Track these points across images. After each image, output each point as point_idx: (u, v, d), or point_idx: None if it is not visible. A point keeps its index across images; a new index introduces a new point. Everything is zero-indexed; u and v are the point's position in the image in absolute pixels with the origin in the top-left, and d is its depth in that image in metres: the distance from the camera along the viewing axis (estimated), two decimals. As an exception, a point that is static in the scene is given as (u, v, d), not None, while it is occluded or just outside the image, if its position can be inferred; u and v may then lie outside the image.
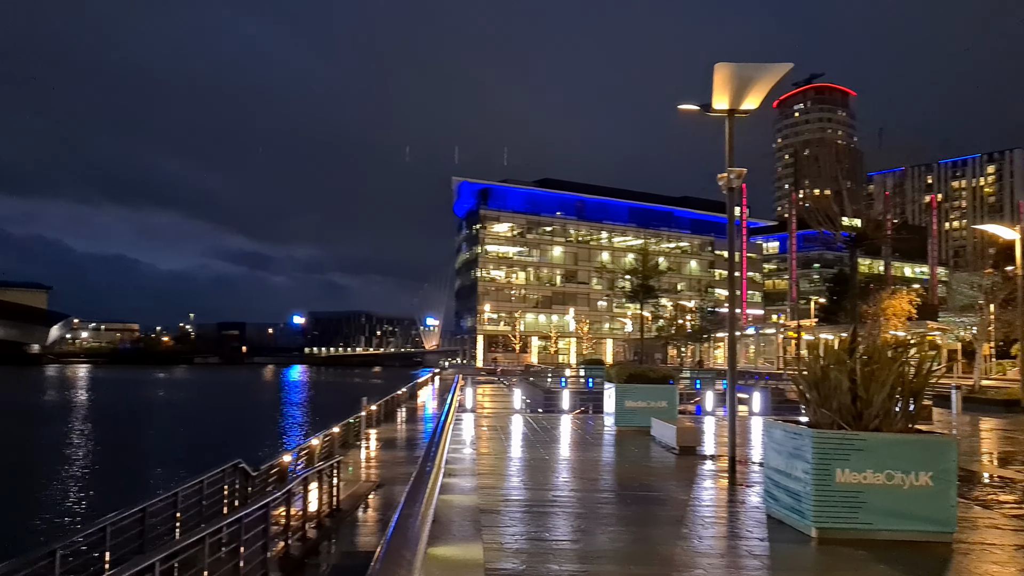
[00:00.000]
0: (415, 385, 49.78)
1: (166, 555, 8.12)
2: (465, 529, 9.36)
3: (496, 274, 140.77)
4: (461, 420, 25.07)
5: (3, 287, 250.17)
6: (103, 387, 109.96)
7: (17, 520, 25.68)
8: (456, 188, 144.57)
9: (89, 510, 26.45)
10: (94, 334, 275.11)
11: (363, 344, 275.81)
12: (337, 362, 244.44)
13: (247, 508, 10.54)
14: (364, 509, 15.10)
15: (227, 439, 48.13)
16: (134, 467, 37.60)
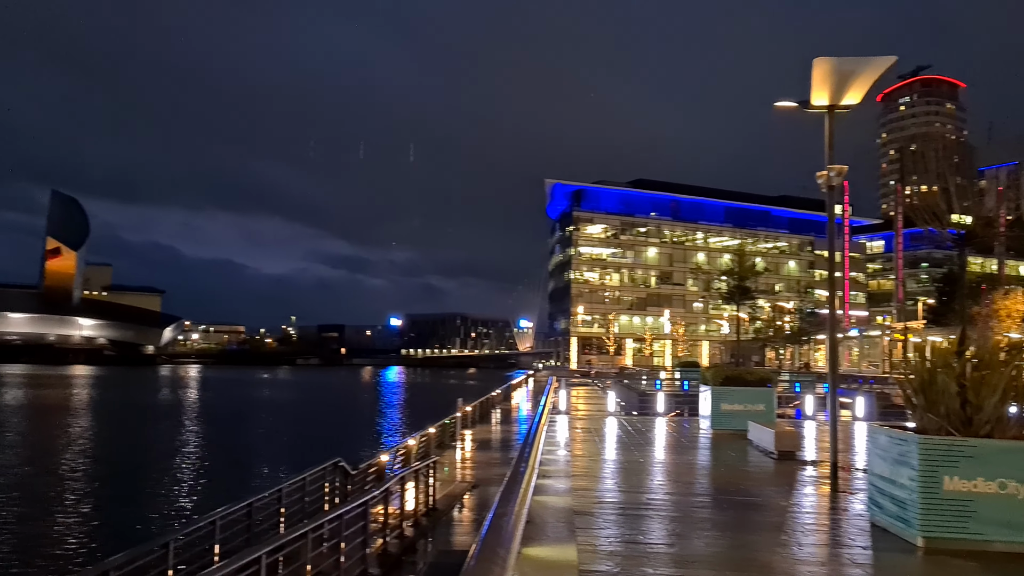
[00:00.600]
0: (509, 387, 50.05)
1: (271, 549, 8.43)
2: (559, 530, 9.39)
3: (590, 276, 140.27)
4: (555, 422, 25.10)
5: (121, 291, 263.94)
6: (212, 387, 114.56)
7: (133, 513, 27.02)
8: (549, 190, 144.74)
9: (200, 504, 27.60)
10: (203, 336, 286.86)
11: (458, 346, 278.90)
12: (433, 363, 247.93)
13: (347, 505, 10.83)
14: (459, 509, 15.29)
15: (327, 438, 49.45)
16: (241, 464, 39.02)
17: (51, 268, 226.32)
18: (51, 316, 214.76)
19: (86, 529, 24.59)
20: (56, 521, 25.48)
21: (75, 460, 39.47)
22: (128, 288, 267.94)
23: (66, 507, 27.77)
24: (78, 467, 37.24)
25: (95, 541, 22.75)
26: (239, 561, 7.97)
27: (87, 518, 26.22)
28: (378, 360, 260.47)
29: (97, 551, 20.76)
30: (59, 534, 23.81)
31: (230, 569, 7.76)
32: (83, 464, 38.19)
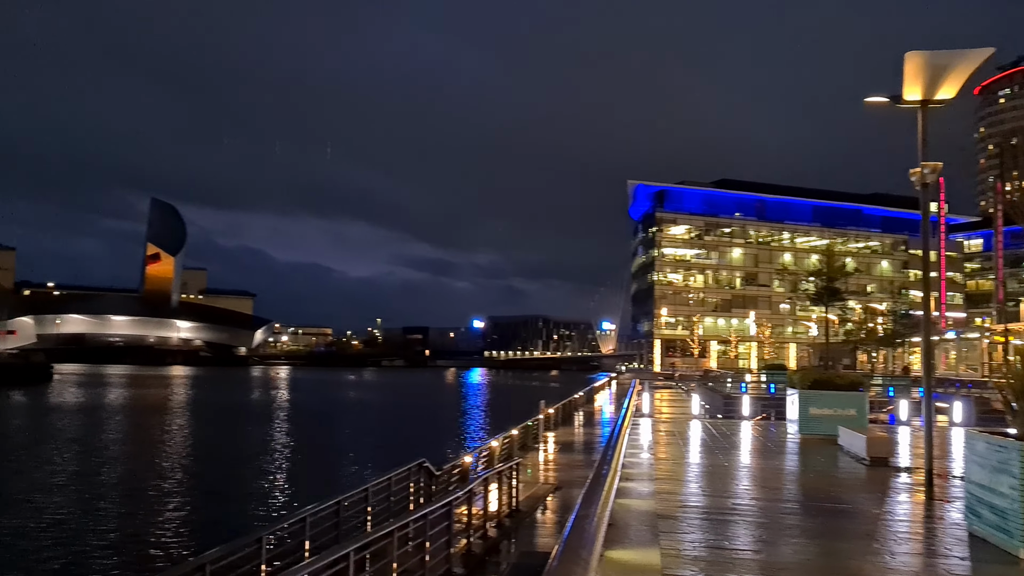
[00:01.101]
0: (592, 389, 49.89)
1: (359, 546, 8.63)
2: (642, 534, 9.35)
3: (673, 277, 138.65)
4: (638, 425, 24.93)
5: (216, 294, 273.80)
6: (301, 387, 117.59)
7: (227, 509, 27.98)
8: (631, 191, 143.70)
9: (290, 502, 28.40)
10: (292, 338, 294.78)
11: (540, 348, 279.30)
12: (515, 365, 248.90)
13: (432, 505, 11.00)
14: (542, 511, 15.34)
15: (411, 439, 50.20)
16: (329, 463, 39.97)
17: (151, 273, 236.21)
18: (151, 319, 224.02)
19: (183, 524, 25.58)
20: (154, 516, 26.58)
21: (173, 458, 41.09)
22: (222, 291, 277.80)
23: (164, 503, 28.94)
24: (176, 465, 38.75)
25: (191, 536, 23.65)
26: (329, 557, 8.19)
27: (184, 514, 27.27)
28: (461, 362, 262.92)
29: (193, 545, 21.58)
30: (157, 529, 24.83)
31: (321, 564, 7.98)
32: (180, 462, 39.73)
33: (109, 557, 21.10)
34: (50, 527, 24.19)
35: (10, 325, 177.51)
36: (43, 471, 35.09)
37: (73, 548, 21.83)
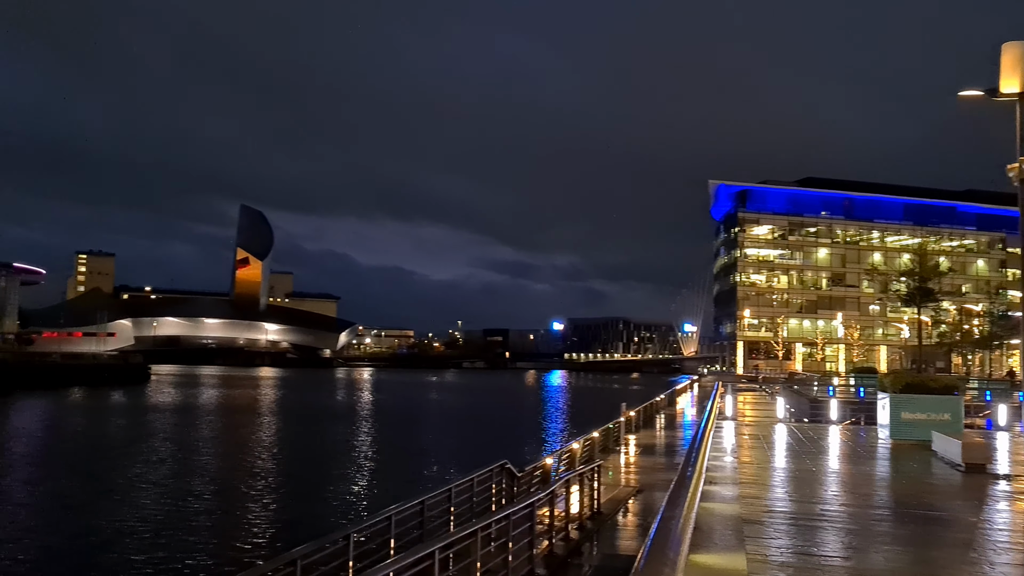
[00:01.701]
0: (673, 392, 49.36)
1: (444, 544, 8.76)
2: (727, 538, 9.24)
3: (756, 278, 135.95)
4: (721, 428, 24.58)
5: (301, 297, 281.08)
6: (384, 389, 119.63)
7: (315, 507, 28.69)
8: (713, 191, 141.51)
9: (375, 500, 28.93)
10: (375, 340, 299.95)
11: (621, 350, 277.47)
12: (595, 368, 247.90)
13: (514, 506, 11.08)
14: (624, 514, 15.27)
15: (493, 440, 50.53)
16: (412, 463, 40.56)
17: (241, 277, 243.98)
18: (241, 321, 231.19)
19: (272, 521, 26.35)
20: (245, 513, 27.44)
21: (262, 457, 42.34)
22: (307, 295, 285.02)
23: (254, 500, 29.84)
24: (265, 463, 39.92)
25: (281, 532, 24.34)
26: (415, 555, 8.34)
27: (273, 511, 28.07)
28: (541, 364, 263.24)
29: (283, 542, 22.19)
30: (248, 525, 25.64)
31: (406, 562, 8.14)
32: (269, 461, 40.91)
33: (202, 552, 21.88)
34: (146, 523, 25.23)
35: (110, 328, 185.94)
36: (140, 468, 36.62)
37: (167, 543, 22.72)
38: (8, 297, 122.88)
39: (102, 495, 29.68)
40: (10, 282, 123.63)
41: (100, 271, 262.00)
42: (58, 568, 20.19)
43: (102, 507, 27.35)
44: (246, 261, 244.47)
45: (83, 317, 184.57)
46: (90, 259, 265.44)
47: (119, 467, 36.70)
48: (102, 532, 23.87)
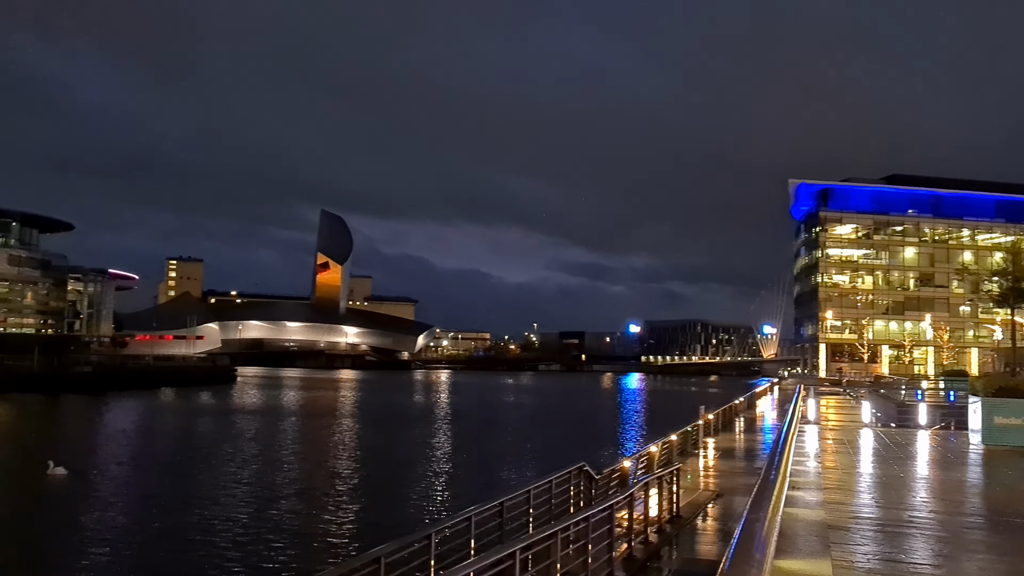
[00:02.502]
0: (753, 395, 48.52)
1: (524, 545, 8.84)
2: (811, 544, 9.08)
3: (839, 279, 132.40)
4: (804, 432, 24.08)
5: (380, 301, 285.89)
6: (461, 391, 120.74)
7: (396, 506, 29.17)
8: (793, 190, 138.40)
9: (455, 501, 29.25)
10: (452, 342, 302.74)
11: (699, 353, 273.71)
12: (673, 370, 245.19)
13: (593, 508, 11.10)
14: (703, 518, 15.12)
15: (570, 442, 50.50)
16: (490, 464, 40.85)
17: (321, 281, 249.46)
18: (321, 324, 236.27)
19: (354, 520, 26.89)
20: (328, 512, 28.08)
21: (344, 457, 43.24)
22: (386, 298, 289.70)
23: (336, 500, 30.50)
24: (346, 463, 40.76)
25: (363, 531, 24.82)
26: (495, 556, 8.44)
27: (355, 510, 28.65)
28: (617, 366, 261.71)
29: (365, 540, 22.62)
30: (331, 524, 26.24)
31: (487, 562, 8.25)
32: (351, 461, 41.75)
33: (286, 550, 22.47)
34: (232, 521, 26.02)
35: (199, 331, 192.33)
36: (226, 468, 37.79)
37: (253, 541, 23.39)
38: (104, 302, 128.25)
39: (190, 494, 30.68)
40: (106, 287, 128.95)
41: (189, 276, 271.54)
42: (147, 566, 20.92)
43: (190, 506, 28.25)
44: (326, 265, 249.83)
45: (173, 321, 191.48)
46: (179, 265, 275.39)
47: (207, 467, 37.94)
48: (190, 531, 24.66)
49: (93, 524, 25.67)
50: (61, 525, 25.73)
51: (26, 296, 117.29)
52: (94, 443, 47.70)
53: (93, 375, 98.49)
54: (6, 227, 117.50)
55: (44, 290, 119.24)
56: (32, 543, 23.44)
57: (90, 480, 33.34)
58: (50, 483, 32.09)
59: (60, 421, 64.93)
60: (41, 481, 32.32)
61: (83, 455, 40.90)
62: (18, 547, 22.92)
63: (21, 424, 60.37)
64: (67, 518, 26.72)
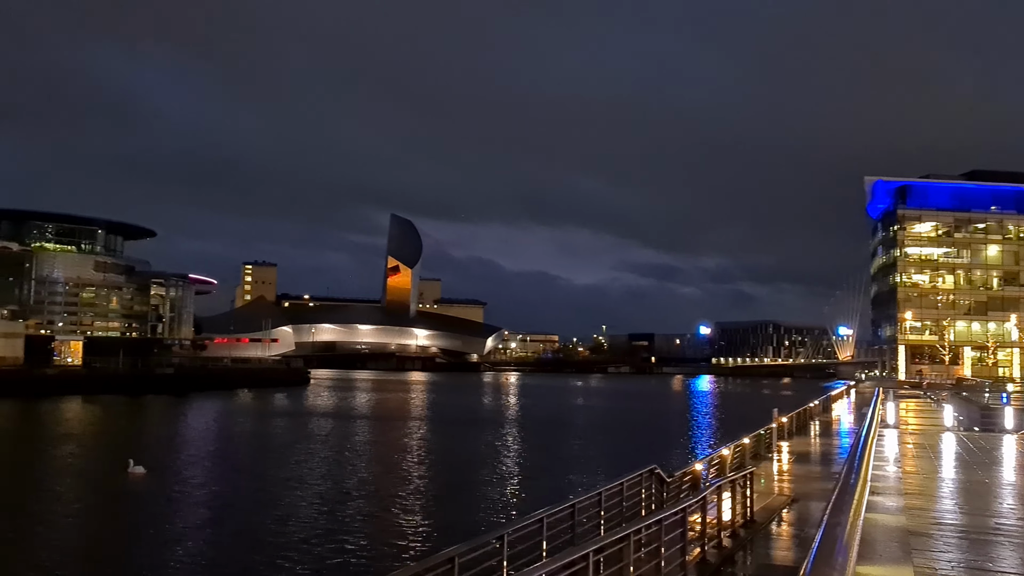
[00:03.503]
0: (828, 398, 47.47)
1: (597, 548, 8.86)
2: (892, 550, 8.87)
3: (919, 278, 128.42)
4: (883, 436, 23.45)
5: (449, 303, 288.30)
6: (530, 393, 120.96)
7: (467, 507, 29.39)
8: (869, 188, 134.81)
9: (525, 502, 29.33)
10: (521, 344, 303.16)
11: (771, 354, 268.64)
12: (744, 373, 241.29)
13: (665, 511, 11.04)
14: (778, 523, 14.88)
15: (640, 444, 50.15)
16: (559, 466, 40.81)
17: (391, 284, 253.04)
18: (392, 327, 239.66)
19: (426, 520, 27.19)
20: (400, 512, 28.46)
21: (415, 458, 43.77)
22: (455, 301, 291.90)
23: (408, 500, 30.89)
24: (418, 464, 41.24)
25: (435, 531, 25.09)
26: (568, 557, 8.48)
27: (427, 511, 28.97)
28: (688, 368, 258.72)
29: (437, 540, 22.88)
30: (403, 524, 26.59)
31: (560, 564, 8.29)
32: (422, 461, 42.23)
33: (360, 549, 22.84)
34: (305, 520, 26.56)
35: (273, 334, 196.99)
36: (300, 468, 38.62)
37: (326, 540, 23.83)
38: (184, 305, 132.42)
39: (264, 494, 31.40)
40: (186, 292, 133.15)
41: (264, 280, 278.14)
42: (220, 565, 21.37)
43: (264, 506, 28.88)
44: (396, 269, 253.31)
45: (249, 324, 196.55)
46: (255, 269, 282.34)
47: (281, 467, 38.80)
48: (263, 530, 25.16)
49: (167, 522, 26.45)
50: (136, 522, 26.62)
51: (112, 301, 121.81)
52: (173, 443, 49.27)
53: (175, 376, 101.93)
54: (92, 235, 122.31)
55: (128, 295, 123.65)
56: (109, 540, 24.31)
57: (167, 479, 34.40)
58: (129, 481, 33.24)
59: (143, 421, 67.27)
60: (121, 479, 33.52)
61: (162, 454, 42.27)
62: (94, 543, 23.78)
63: (107, 424, 62.73)
64: (142, 516, 27.64)
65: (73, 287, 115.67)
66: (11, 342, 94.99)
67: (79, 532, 25.16)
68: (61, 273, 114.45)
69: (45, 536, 24.21)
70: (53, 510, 27.92)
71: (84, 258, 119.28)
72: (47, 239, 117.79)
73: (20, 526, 25.20)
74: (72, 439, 49.79)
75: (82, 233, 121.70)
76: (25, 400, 73.93)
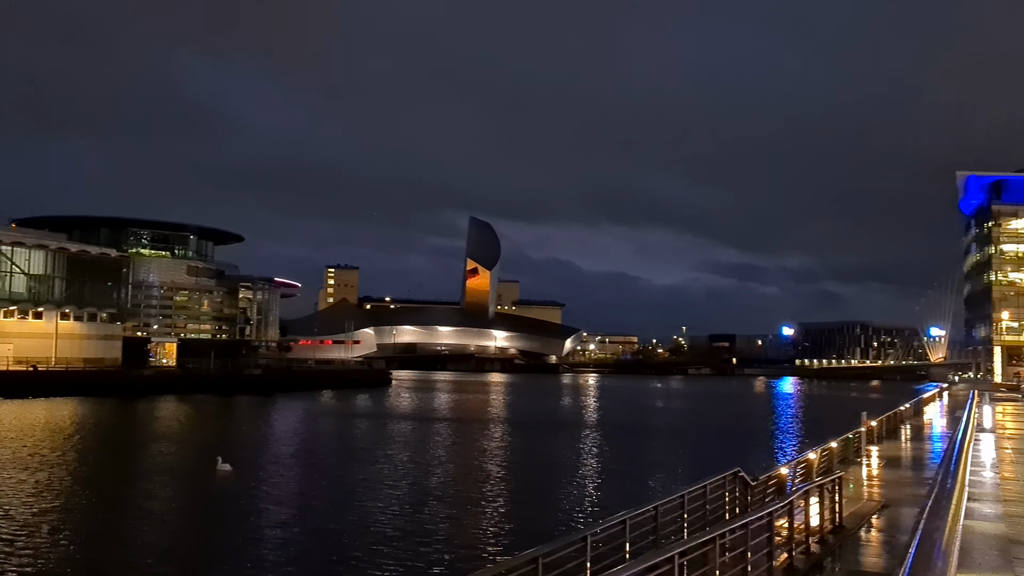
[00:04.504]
0: (920, 401, 45.94)
1: (682, 550, 8.83)
2: (991, 558, 8.58)
3: (1015, 277, 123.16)
4: (979, 441, 22.63)
5: (527, 305, 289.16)
6: (610, 394, 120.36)
7: (548, 508, 29.46)
8: (961, 183, 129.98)
9: (606, 504, 29.22)
10: (599, 346, 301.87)
11: (858, 356, 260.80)
12: (830, 375, 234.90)
13: (751, 515, 10.91)
14: (868, 529, 14.53)
15: (721, 447, 49.40)
16: (640, 468, 40.51)
17: (470, 286, 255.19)
18: (471, 329, 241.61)
19: (507, 520, 27.36)
20: (481, 512, 28.71)
21: (495, 459, 44.04)
22: (533, 302, 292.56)
23: (489, 500, 31.13)
24: (498, 465, 41.48)
25: (515, 532, 25.22)
26: (651, 560, 8.48)
27: (507, 511, 29.14)
28: (770, 370, 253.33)
29: (518, 541, 22.99)
30: (485, 523, 26.82)
31: (644, 566, 8.29)
32: (502, 462, 42.46)
33: (440, 550, 23.12)
34: (387, 519, 26.98)
35: (356, 336, 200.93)
36: (380, 468, 39.24)
37: (406, 539, 24.15)
38: (271, 308, 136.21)
39: (345, 494, 31.90)
40: (272, 295, 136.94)
41: (346, 283, 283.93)
42: (302, 563, 21.71)
43: (345, 505, 29.35)
44: (475, 271, 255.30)
45: (332, 326, 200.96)
46: (337, 272, 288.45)
47: (362, 467, 39.49)
48: (345, 529, 25.57)
49: (251, 520, 27.14)
50: (222, 519, 27.51)
51: (203, 304, 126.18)
52: (259, 442, 50.74)
53: (262, 377, 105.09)
54: (184, 240, 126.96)
55: (219, 298, 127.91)
56: (195, 535, 25.12)
57: (252, 477, 35.35)
58: (217, 479, 34.35)
59: (231, 420, 69.47)
60: (209, 477, 34.68)
61: (248, 453, 43.57)
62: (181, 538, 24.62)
63: (198, 422, 65.02)
64: (228, 513, 28.53)
65: (167, 291, 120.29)
66: (110, 344, 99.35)
67: (168, 527, 26.08)
68: (156, 277, 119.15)
69: (137, 530, 25.27)
70: (146, 505, 29.09)
71: (177, 263, 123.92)
72: (143, 245, 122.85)
73: (113, 520, 26.33)
74: (166, 437, 51.82)
75: (175, 239, 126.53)
76: (124, 399, 77.28)
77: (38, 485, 31.67)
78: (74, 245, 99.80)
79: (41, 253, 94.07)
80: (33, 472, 34.75)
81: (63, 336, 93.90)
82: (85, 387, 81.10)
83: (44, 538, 23.17)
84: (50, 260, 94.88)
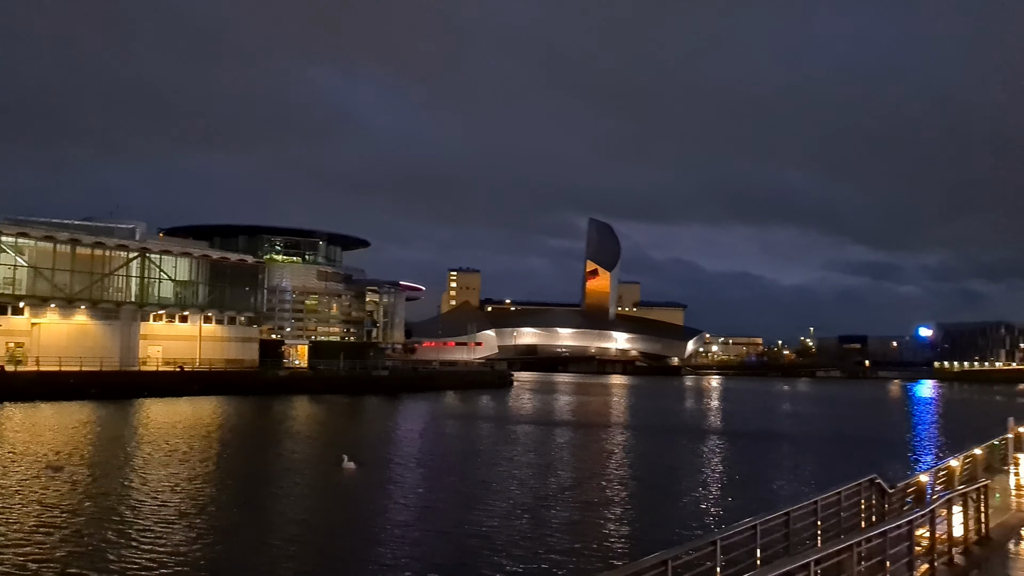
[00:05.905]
0: (1075, 407, 42.92)
1: (818, 557, 8.75)
2: None
3: None
4: None
5: (648, 306, 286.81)
6: (734, 398, 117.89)
7: (672, 512, 29.25)
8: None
9: (732, 509, 28.73)
10: (722, 348, 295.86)
11: (1003, 358, 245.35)
12: (972, 378, 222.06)
13: (890, 523, 10.65)
14: (1017, 542, 13.86)
15: (854, 453, 47.64)
16: (767, 473, 39.58)
17: (590, 288, 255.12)
18: (591, 331, 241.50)
19: (631, 523, 27.31)
20: (604, 515, 28.73)
21: (617, 461, 43.96)
22: (654, 303, 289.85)
23: (611, 502, 31.12)
24: (620, 467, 41.40)
25: (640, 536, 25.17)
26: (785, 567, 8.45)
27: (631, 513, 29.06)
28: (906, 373, 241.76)
29: (642, 544, 22.94)
30: (607, 526, 26.86)
31: (777, 573, 8.27)
32: (624, 465, 42.34)
33: (565, 551, 23.26)
34: (508, 520, 27.24)
35: (478, 338, 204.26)
36: (502, 469, 39.59)
37: (530, 540, 24.36)
38: (396, 311, 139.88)
39: (467, 494, 32.31)
40: (398, 298, 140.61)
41: (468, 286, 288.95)
42: (425, 563, 21.89)
43: (467, 506, 29.67)
44: (595, 272, 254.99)
45: (455, 328, 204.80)
46: (459, 275, 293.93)
47: (485, 468, 40.01)
48: (468, 529, 25.89)
49: (373, 518, 27.84)
50: (345, 517, 28.35)
51: (332, 307, 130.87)
52: (384, 441, 52.27)
53: (389, 378, 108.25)
54: (315, 246, 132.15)
55: (347, 302, 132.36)
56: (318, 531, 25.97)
57: (376, 475, 36.35)
58: (342, 476, 35.59)
59: (358, 419, 71.89)
60: (334, 474, 35.99)
61: (373, 451, 44.94)
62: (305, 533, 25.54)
63: (328, 421, 67.64)
64: (351, 510, 29.45)
65: (299, 295, 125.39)
66: (249, 346, 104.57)
67: (293, 522, 26.98)
68: (289, 282, 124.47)
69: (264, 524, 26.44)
70: (271, 501, 30.32)
71: (308, 268, 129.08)
72: (276, 251, 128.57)
73: (240, 515, 27.59)
74: (298, 434, 54.27)
75: (306, 245, 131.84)
76: (261, 398, 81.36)
77: (178, 479, 33.52)
78: (215, 252, 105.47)
79: (186, 260, 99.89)
80: (179, 466, 36.87)
81: (206, 338, 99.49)
82: (226, 387, 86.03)
83: (179, 531, 24.37)
84: (194, 267, 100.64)
